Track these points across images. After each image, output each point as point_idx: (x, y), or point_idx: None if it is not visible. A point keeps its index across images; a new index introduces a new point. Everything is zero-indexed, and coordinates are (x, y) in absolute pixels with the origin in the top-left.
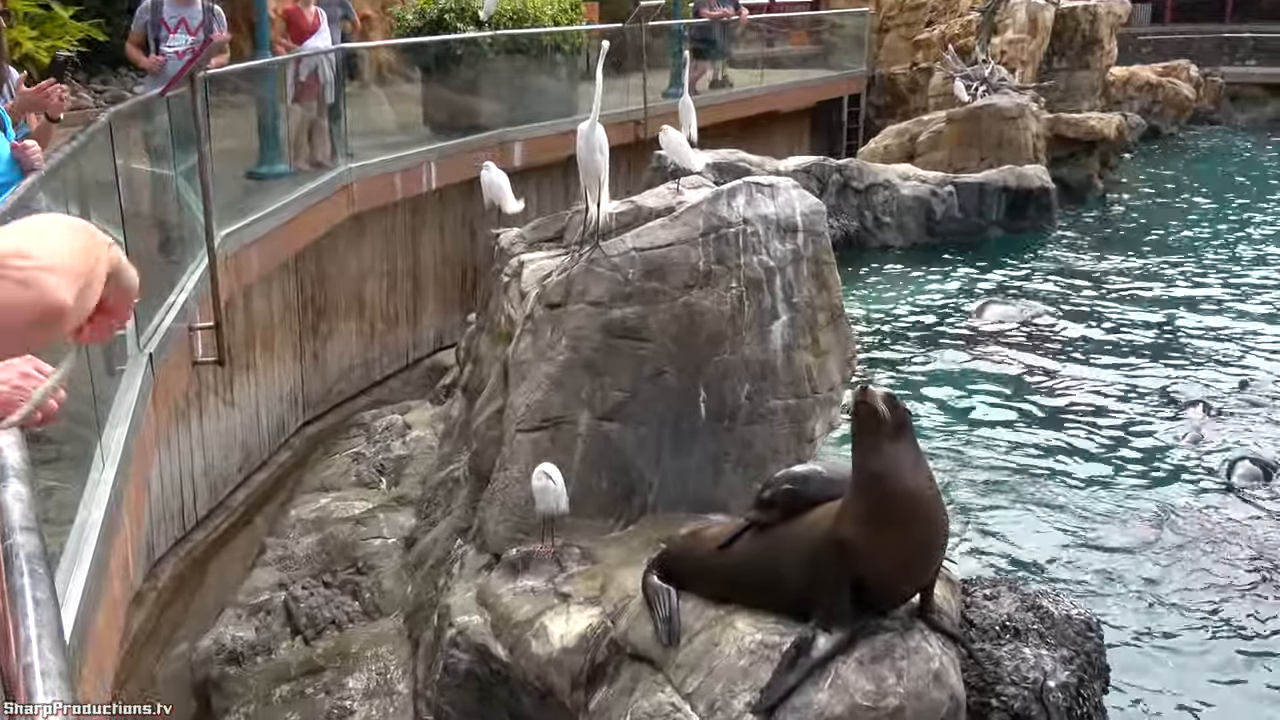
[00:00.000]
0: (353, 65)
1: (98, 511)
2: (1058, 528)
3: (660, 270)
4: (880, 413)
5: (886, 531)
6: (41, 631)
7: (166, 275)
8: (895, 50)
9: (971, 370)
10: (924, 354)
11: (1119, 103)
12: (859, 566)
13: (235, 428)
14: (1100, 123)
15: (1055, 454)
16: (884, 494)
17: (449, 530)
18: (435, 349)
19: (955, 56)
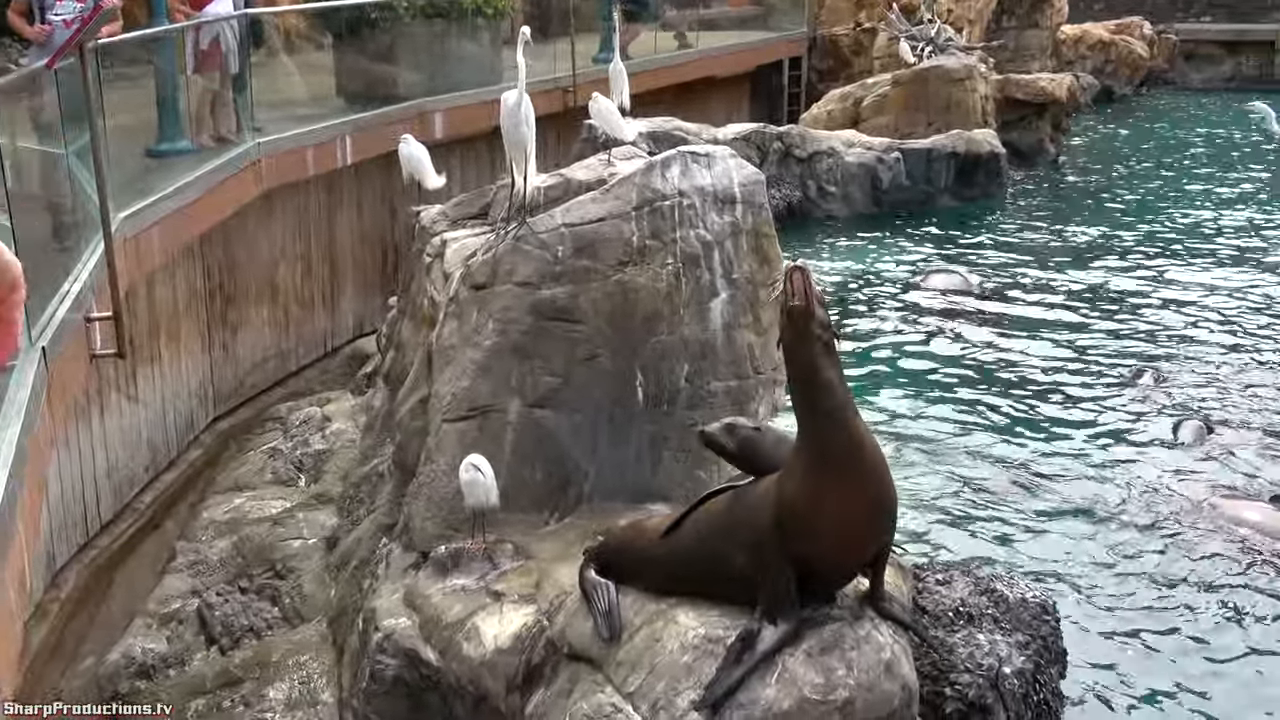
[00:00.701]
0: (258, 32)
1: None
2: (1010, 506)
3: (592, 247)
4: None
5: (831, 481)
6: None
7: (59, 262)
8: (837, 10)
9: (919, 343)
10: (871, 329)
11: (1070, 63)
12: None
13: (140, 425)
14: (1051, 84)
15: (1005, 428)
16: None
17: (373, 529)
18: (355, 336)
19: (900, 16)
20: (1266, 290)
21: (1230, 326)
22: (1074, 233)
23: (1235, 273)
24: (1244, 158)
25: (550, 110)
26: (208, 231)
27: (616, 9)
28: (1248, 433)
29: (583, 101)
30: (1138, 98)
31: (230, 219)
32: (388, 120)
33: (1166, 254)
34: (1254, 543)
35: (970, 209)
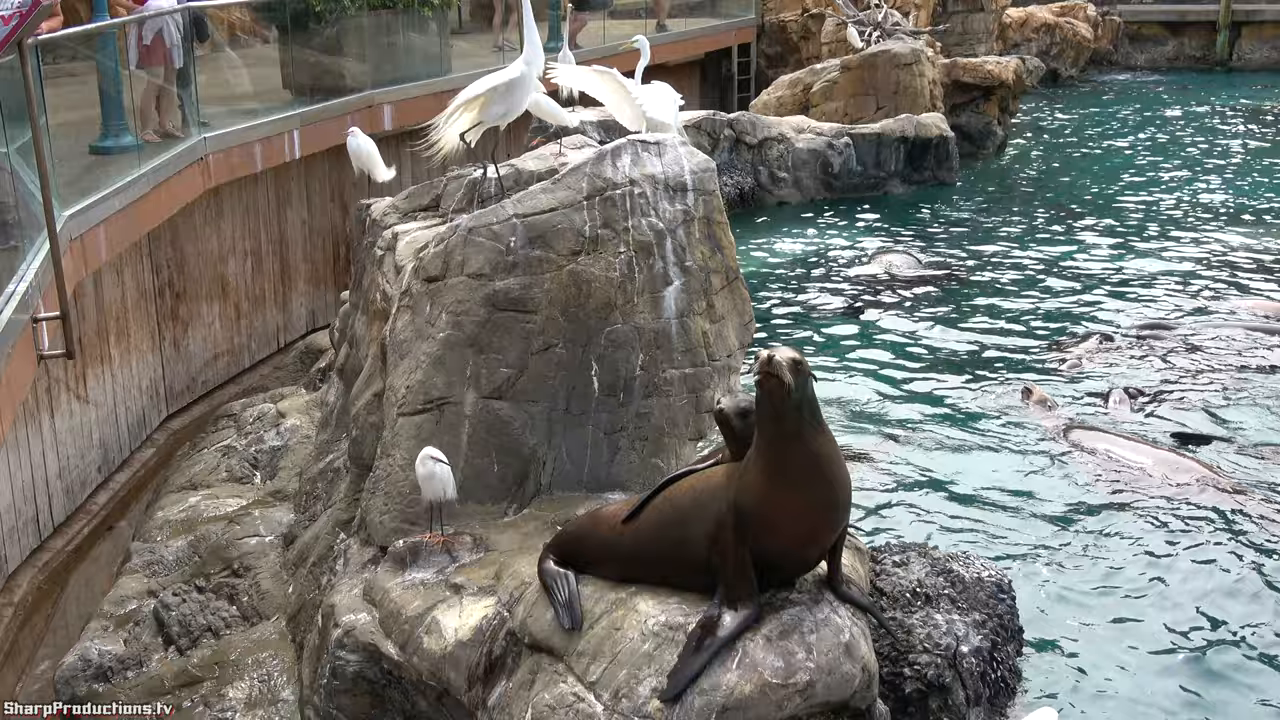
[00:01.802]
0: (202, 26)
1: None
2: (964, 485)
3: (544, 237)
4: (787, 383)
5: (787, 498)
6: None
7: (4, 262)
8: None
9: (870, 325)
10: (822, 312)
11: (1016, 45)
12: (757, 529)
13: (91, 425)
14: (998, 67)
15: (955, 407)
16: (785, 462)
17: (330, 524)
18: (308, 331)
19: (847, 1)
20: (1210, 264)
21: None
22: (1023, 214)
23: (1180, 249)
24: (1187, 136)
25: None
26: (156, 228)
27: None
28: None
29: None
30: (1083, 79)
31: (178, 215)
32: (336, 113)
33: (1113, 232)
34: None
35: (921, 193)
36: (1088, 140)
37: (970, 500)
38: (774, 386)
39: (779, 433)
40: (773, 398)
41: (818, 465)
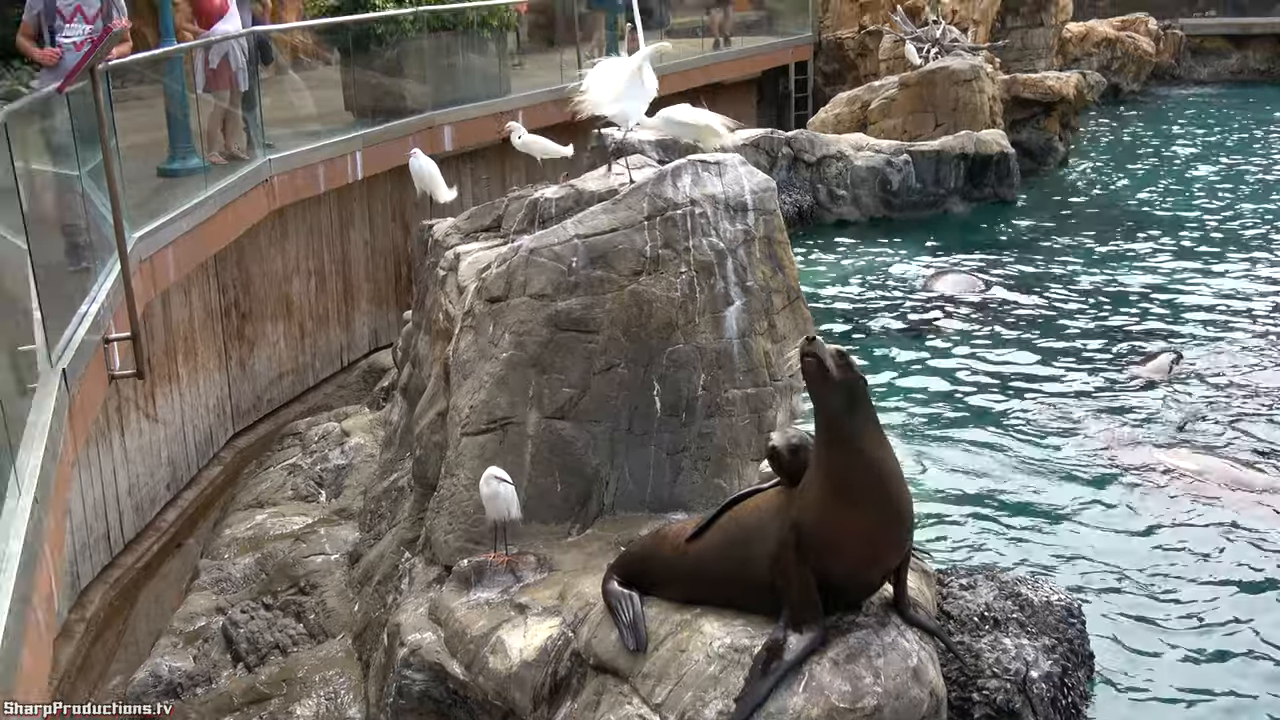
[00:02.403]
0: (266, 50)
1: (15, 543)
2: (1031, 507)
3: (605, 257)
4: (827, 366)
5: (847, 513)
6: None
7: (76, 284)
8: (841, 13)
9: (934, 346)
10: (885, 332)
11: (1076, 60)
12: (818, 549)
13: (160, 443)
14: (1058, 82)
15: (1022, 429)
16: (844, 467)
17: (395, 543)
18: (370, 350)
19: (904, 18)
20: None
21: (1246, 321)
22: (1086, 231)
23: (1250, 268)
24: (1252, 151)
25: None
26: (222, 249)
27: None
28: (1268, 426)
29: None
30: (1145, 94)
31: (244, 236)
32: (397, 134)
33: (1179, 250)
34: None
35: (981, 210)
36: (1150, 155)
37: (1037, 522)
38: (813, 368)
39: (835, 437)
40: (814, 382)
41: (878, 478)
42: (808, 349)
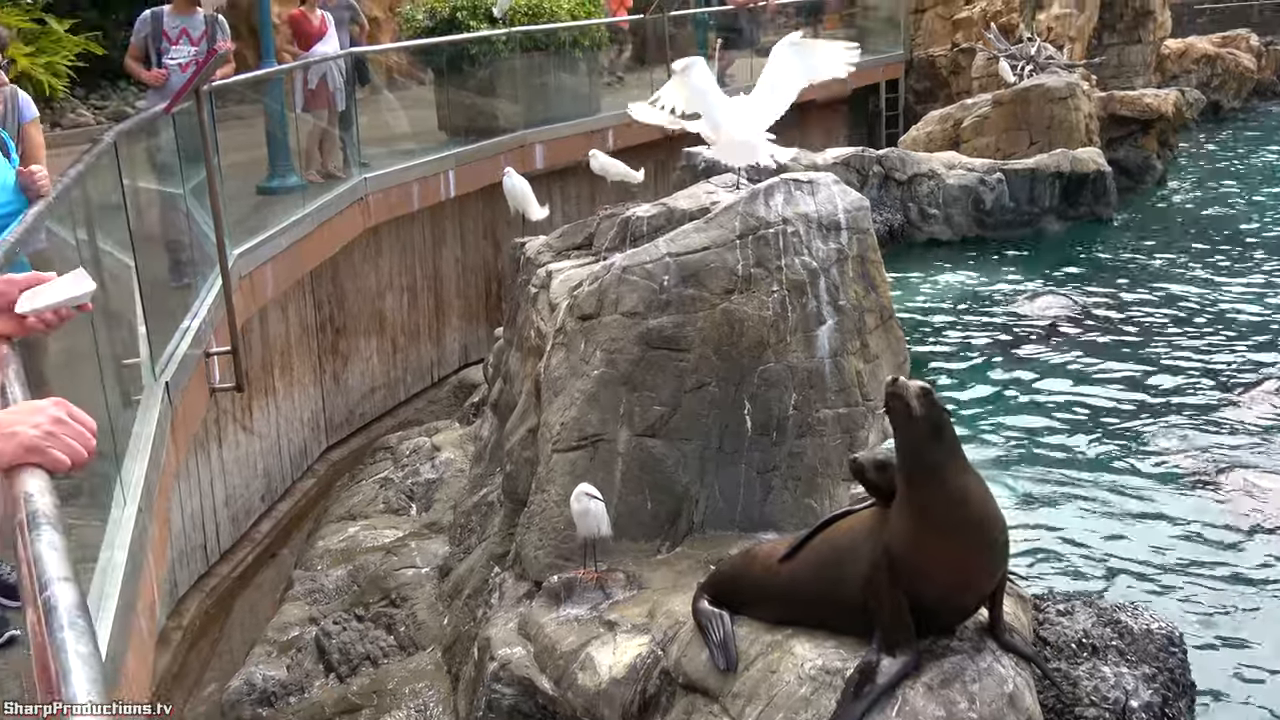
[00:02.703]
0: (363, 70)
1: (121, 552)
2: (1131, 534)
3: (697, 276)
4: (912, 407)
5: (934, 542)
6: (89, 688)
7: (179, 299)
8: (934, 31)
9: (1029, 369)
10: (979, 354)
11: (1175, 77)
12: (909, 575)
13: (256, 456)
14: (1157, 100)
15: (1123, 454)
16: (931, 503)
17: (485, 557)
18: (461, 365)
19: (998, 35)
20: None
21: None
22: (1185, 252)
23: None
24: None
25: (650, 138)
26: (318, 266)
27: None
28: None
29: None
30: (1246, 111)
31: (339, 253)
32: (489, 153)
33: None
34: None
35: (1076, 230)
36: (1251, 174)
37: (1136, 549)
38: (899, 408)
39: (918, 468)
40: (898, 421)
41: (963, 506)
42: (892, 390)
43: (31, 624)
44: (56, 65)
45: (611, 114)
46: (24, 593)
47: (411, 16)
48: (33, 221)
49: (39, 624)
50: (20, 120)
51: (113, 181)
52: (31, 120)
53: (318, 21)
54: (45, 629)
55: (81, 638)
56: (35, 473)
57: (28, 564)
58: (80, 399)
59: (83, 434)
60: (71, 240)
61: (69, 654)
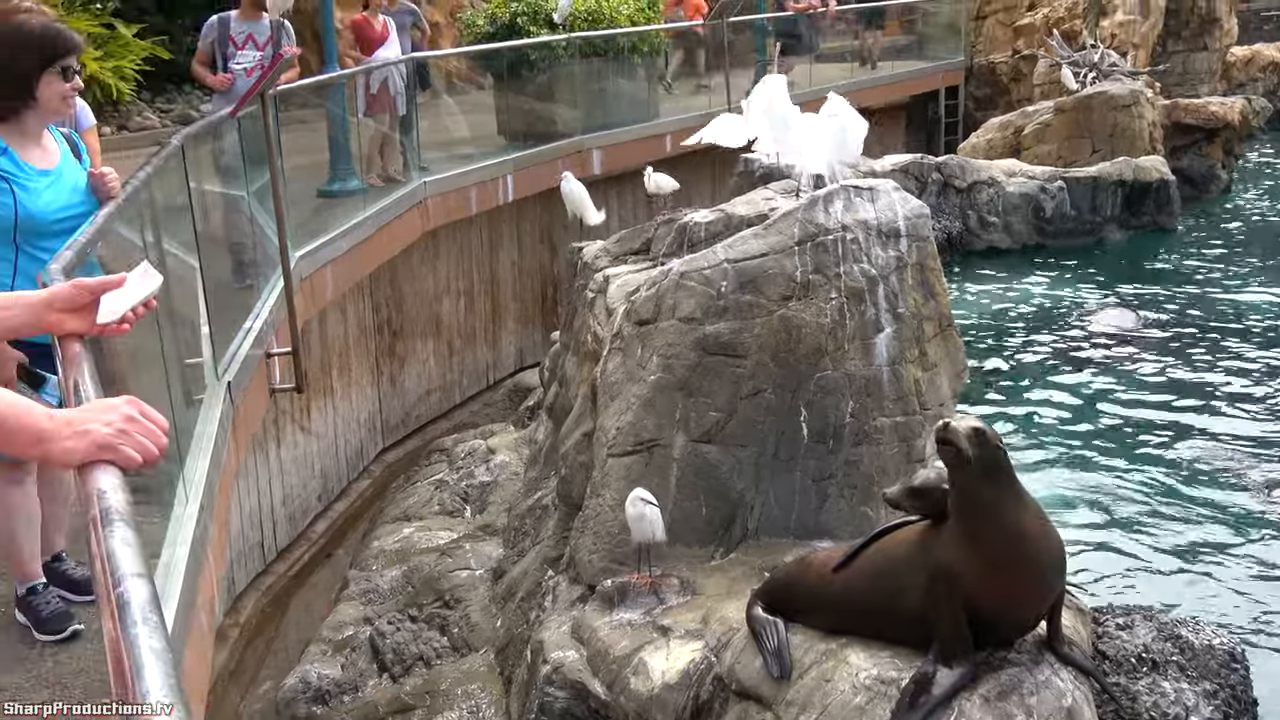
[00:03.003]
0: (424, 75)
1: (183, 548)
2: (1192, 549)
3: (755, 282)
4: (965, 451)
5: (990, 569)
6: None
7: (241, 300)
8: (995, 37)
9: (1090, 380)
10: (1038, 364)
11: (1241, 85)
12: (965, 593)
13: (313, 456)
14: (1222, 108)
15: (1185, 469)
16: (982, 537)
17: (539, 560)
18: (516, 369)
19: (1061, 42)
20: None
21: None
22: (1250, 262)
23: None
24: None
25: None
26: (377, 269)
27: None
28: None
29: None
30: None
31: (398, 256)
32: (547, 158)
33: None
34: None
35: (1139, 239)
36: None
37: (1197, 564)
38: (949, 455)
39: (970, 503)
40: (950, 465)
41: (1018, 543)
42: (943, 435)
43: (105, 620)
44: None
45: (670, 119)
46: (97, 588)
47: (472, 22)
48: (103, 223)
49: (112, 620)
50: (79, 127)
51: (179, 183)
52: (89, 128)
53: (380, 27)
54: (119, 625)
55: (155, 633)
56: (108, 470)
57: (101, 560)
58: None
59: (154, 432)
60: (139, 241)
61: (142, 649)
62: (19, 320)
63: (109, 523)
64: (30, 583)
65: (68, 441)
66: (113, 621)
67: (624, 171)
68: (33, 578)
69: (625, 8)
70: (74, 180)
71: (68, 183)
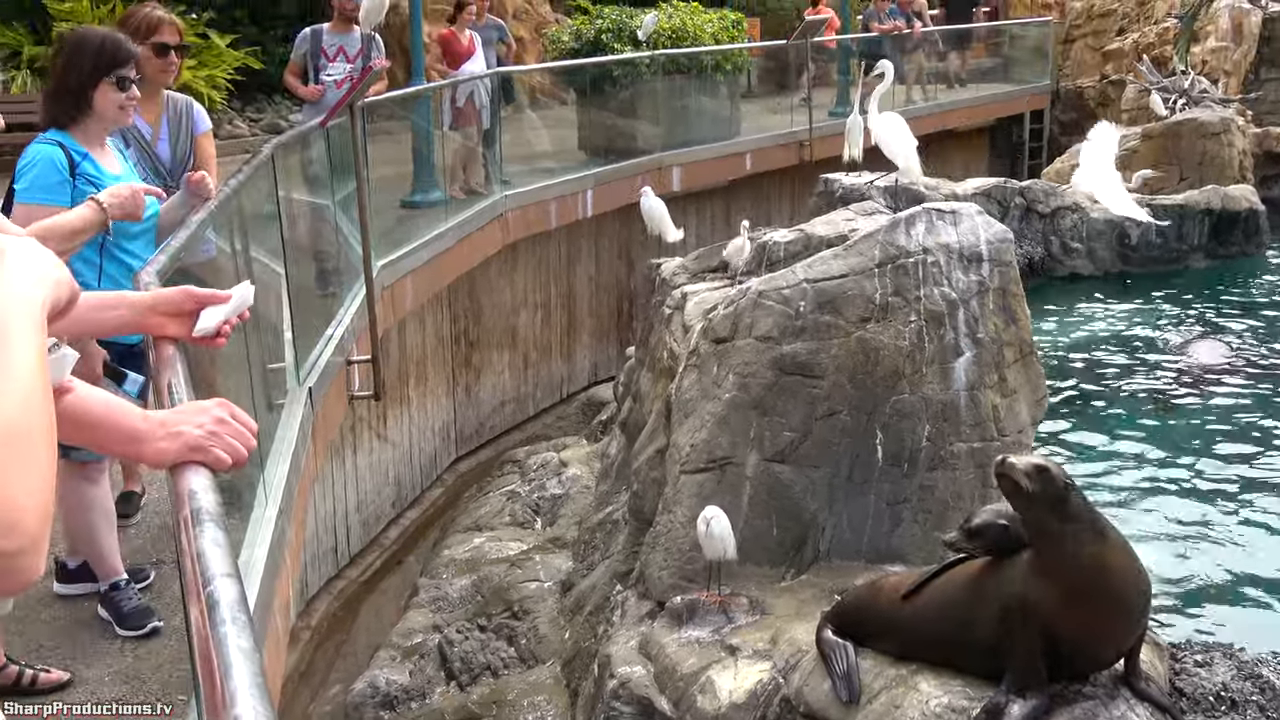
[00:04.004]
0: (508, 89)
1: (261, 550)
2: (1276, 586)
3: (833, 303)
4: (1024, 486)
5: (1073, 604)
6: (250, 682)
7: (324, 308)
8: (1082, 62)
9: (1173, 408)
10: (1121, 394)
11: None
12: (1047, 630)
13: (388, 463)
14: None
15: (1269, 504)
16: (1060, 570)
17: (608, 575)
18: (590, 383)
19: (1150, 67)
20: None
21: None
22: None
23: None
24: None
25: (786, 163)
26: (456, 280)
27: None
28: None
29: (819, 155)
30: None
31: (476, 268)
32: (627, 174)
33: None
34: None
35: (1226, 269)
36: None
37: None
38: (1007, 488)
39: (1042, 535)
40: (1011, 498)
41: (1100, 575)
42: (1000, 470)
43: (195, 618)
44: (216, 78)
45: (750, 138)
46: (187, 587)
47: (557, 38)
48: (196, 228)
49: (201, 618)
50: (195, 132)
51: (267, 191)
52: (205, 132)
53: (467, 41)
54: (208, 623)
55: (243, 633)
56: (199, 471)
57: (191, 559)
58: (231, 400)
59: (244, 434)
60: (228, 248)
61: (231, 648)
62: (124, 319)
63: (200, 523)
64: (112, 579)
65: (161, 442)
66: (202, 620)
67: (703, 189)
68: (114, 574)
69: (710, 26)
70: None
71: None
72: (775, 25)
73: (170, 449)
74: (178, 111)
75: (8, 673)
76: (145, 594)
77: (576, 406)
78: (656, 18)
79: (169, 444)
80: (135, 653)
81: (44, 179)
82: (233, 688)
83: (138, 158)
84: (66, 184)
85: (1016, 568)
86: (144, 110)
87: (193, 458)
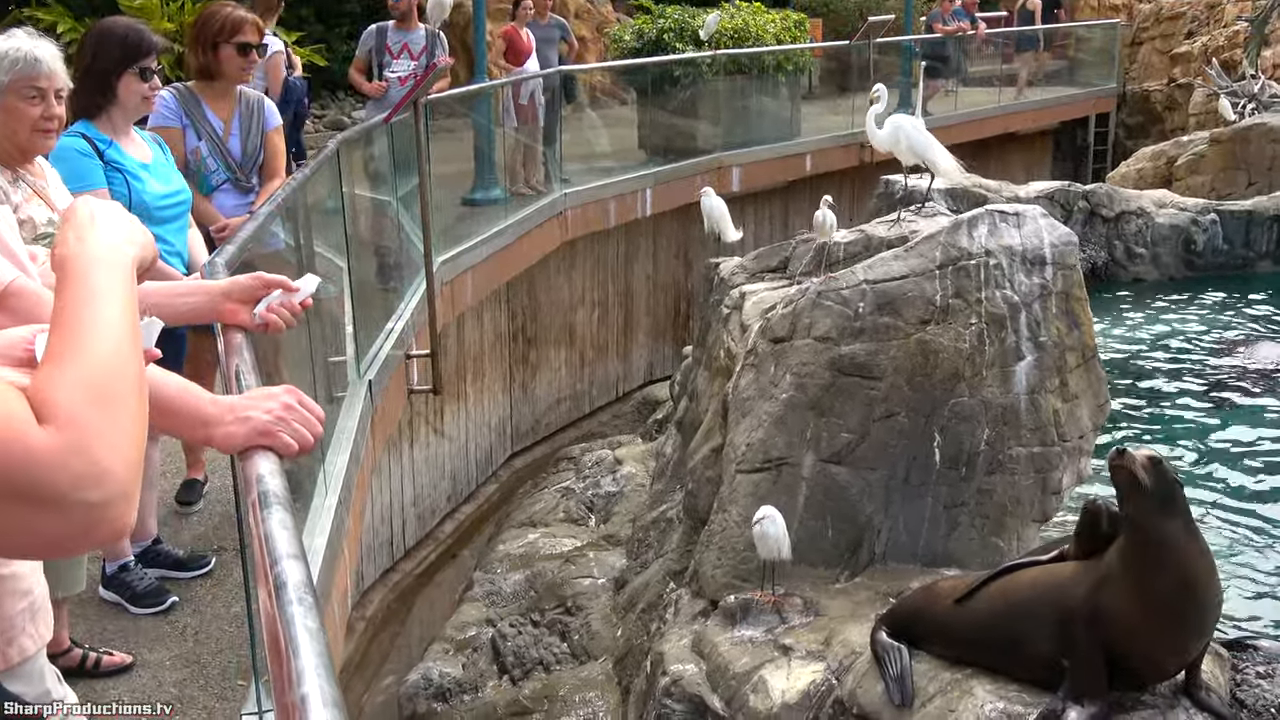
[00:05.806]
0: (569, 88)
1: (321, 539)
2: None
3: (893, 304)
4: (1140, 479)
5: (1152, 613)
6: (317, 662)
7: (384, 302)
8: (1150, 65)
9: (1238, 416)
10: (1185, 398)
11: None
12: (1114, 636)
13: (445, 457)
14: None
15: None
16: (1154, 576)
17: (661, 573)
18: (646, 382)
19: (1219, 71)
20: None
21: None
22: None
23: None
24: None
25: (846, 165)
26: (514, 277)
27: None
28: None
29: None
30: None
31: (535, 265)
32: (686, 174)
33: None
34: None
35: None
36: None
37: None
38: (1124, 480)
39: (1143, 540)
40: (1124, 493)
41: (1189, 591)
42: (1117, 462)
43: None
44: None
45: (810, 139)
46: (255, 568)
47: (619, 37)
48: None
49: (269, 599)
50: (265, 128)
51: (331, 186)
52: (275, 128)
53: (525, 39)
54: (275, 603)
55: (310, 613)
56: (267, 455)
57: (259, 541)
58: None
59: (311, 421)
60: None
61: (298, 628)
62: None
63: (267, 506)
64: (122, 560)
65: (230, 426)
66: (270, 600)
67: (762, 189)
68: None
69: (772, 26)
70: (168, 171)
71: (164, 173)
72: (838, 25)
73: (239, 433)
74: (250, 108)
75: (72, 655)
76: (206, 580)
77: (632, 405)
78: (719, 17)
79: (238, 428)
80: (196, 637)
81: (74, 167)
82: (300, 666)
83: (209, 150)
84: (96, 164)
85: (1086, 573)
86: (218, 106)
87: (261, 442)
